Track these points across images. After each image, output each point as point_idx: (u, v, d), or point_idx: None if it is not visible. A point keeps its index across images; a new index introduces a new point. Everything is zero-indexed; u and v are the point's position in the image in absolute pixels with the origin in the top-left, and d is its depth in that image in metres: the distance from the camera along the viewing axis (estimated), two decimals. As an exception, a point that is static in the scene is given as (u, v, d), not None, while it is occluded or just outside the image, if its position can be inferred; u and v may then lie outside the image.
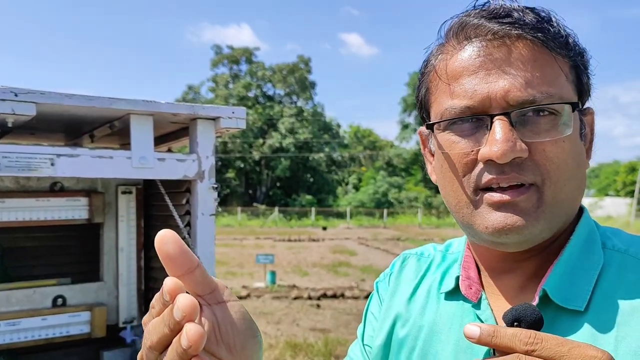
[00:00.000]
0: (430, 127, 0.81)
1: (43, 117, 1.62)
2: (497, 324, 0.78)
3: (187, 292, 0.53)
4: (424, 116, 0.85)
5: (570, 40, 0.76)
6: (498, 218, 0.72)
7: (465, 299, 0.84)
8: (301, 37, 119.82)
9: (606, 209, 37.73)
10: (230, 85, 56.68)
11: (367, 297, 10.25)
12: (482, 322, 0.79)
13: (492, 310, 0.81)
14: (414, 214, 41.32)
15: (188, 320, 0.50)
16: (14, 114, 1.43)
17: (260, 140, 52.19)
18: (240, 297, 10.22)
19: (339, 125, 61.38)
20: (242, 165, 51.50)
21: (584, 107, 0.80)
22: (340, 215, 41.92)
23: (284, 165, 51.19)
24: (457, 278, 0.86)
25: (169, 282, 0.52)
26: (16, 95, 1.42)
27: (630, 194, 45.16)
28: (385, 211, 40.35)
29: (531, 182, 0.72)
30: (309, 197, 49.74)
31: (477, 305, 0.82)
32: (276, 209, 40.43)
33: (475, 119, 0.74)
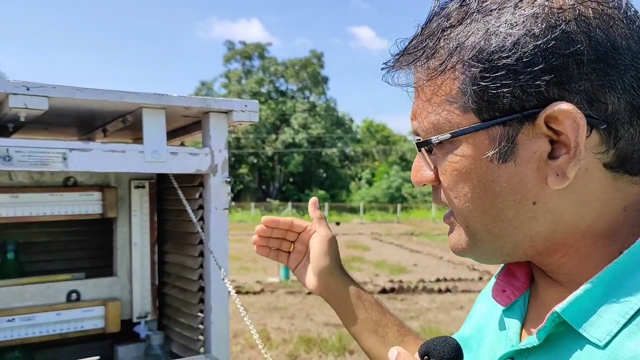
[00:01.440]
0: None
1: (55, 111, 1.61)
2: (520, 334, 0.72)
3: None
4: None
5: (447, 48, 0.64)
6: (449, 236, 0.77)
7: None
8: (311, 31, 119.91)
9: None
10: (243, 81, 56.77)
11: (380, 292, 10.23)
12: (505, 329, 0.74)
13: (523, 316, 0.74)
14: (428, 208, 41.17)
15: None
16: (26, 107, 1.42)
17: (273, 136, 52.28)
18: (254, 292, 10.26)
19: (351, 120, 61.32)
20: (255, 161, 51.66)
21: (521, 111, 0.60)
22: (354, 211, 41.87)
23: (297, 160, 51.27)
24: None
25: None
26: (28, 89, 1.41)
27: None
28: (398, 206, 40.25)
29: (449, 207, 0.74)
30: (322, 192, 49.78)
31: (507, 311, 0.76)
32: (289, 204, 40.50)
33: None
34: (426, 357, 0.62)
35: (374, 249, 18.04)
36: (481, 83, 0.61)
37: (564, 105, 0.58)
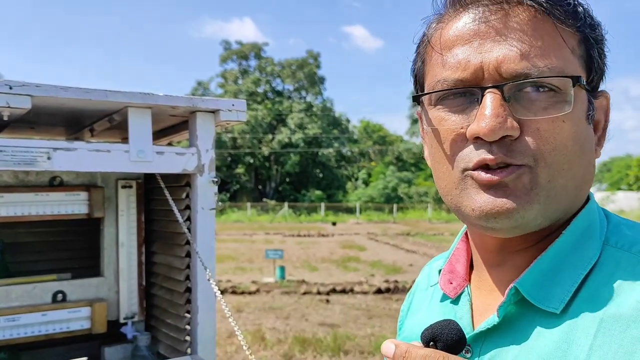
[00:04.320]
0: (416, 99, 0.75)
1: (40, 110, 1.60)
2: (472, 323, 0.75)
3: None
4: (418, 92, 0.79)
5: (580, 10, 0.68)
6: (486, 199, 0.66)
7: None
8: (304, 31, 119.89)
9: (618, 204, 37.38)
10: (240, 81, 56.70)
11: (376, 292, 10.23)
12: (457, 320, 0.75)
13: (471, 306, 0.76)
14: (424, 209, 41.21)
15: None
16: (9, 107, 1.41)
17: (270, 136, 52.22)
18: (250, 293, 10.25)
19: (348, 120, 61.30)
20: (251, 161, 51.59)
21: (595, 87, 0.72)
22: (350, 211, 41.86)
23: (294, 160, 51.23)
24: (440, 272, 0.83)
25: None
26: (11, 88, 1.40)
27: (643, 188, 44.70)
28: (394, 206, 40.28)
29: (521, 163, 0.65)
30: (318, 192, 49.75)
31: (455, 301, 0.79)
32: (286, 204, 40.47)
33: (466, 93, 0.68)
34: (432, 343, 0.59)
35: (370, 249, 18.03)
36: (598, 46, 0.71)
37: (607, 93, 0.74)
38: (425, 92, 0.74)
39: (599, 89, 0.73)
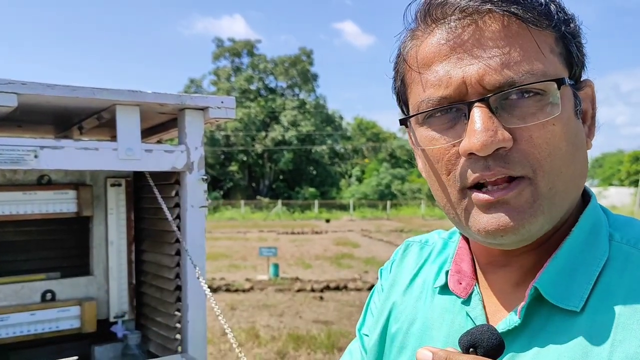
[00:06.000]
0: (404, 122, 0.74)
1: (27, 108, 1.59)
2: (487, 321, 0.74)
3: None
4: (404, 110, 0.78)
5: (552, 8, 0.67)
6: (489, 220, 0.66)
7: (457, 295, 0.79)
8: (295, 28, 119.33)
9: (610, 199, 37.58)
10: (232, 79, 56.53)
11: (370, 288, 10.22)
12: (472, 319, 0.75)
13: (484, 306, 0.75)
14: (417, 205, 41.28)
15: None
16: (-6, 105, 1.40)
17: (263, 133, 52.11)
18: (244, 290, 10.23)
19: (341, 117, 61.18)
20: (245, 159, 51.44)
21: (578, 79, 0.71)
22: (344, 208, 41.88)
23: (287, 158, 51.14)
24: (447, 273, 0.81)
25: None
26: (-4, 85, 1.39)
27: (635, 183, 45.00)
28: (388, 203, 40.31)
29: (520, 174, 0.64)
30: (312, 189, 49.71)
31: (467, 302, 0.77)
32: (279, 201, 40.42)
33: (452, 110, 0.67)
34: (472, 349, 0.58)
35: (363, 245, 18.04)
36: (576, 40, 0.70)
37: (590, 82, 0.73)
38: (412, 114, 0.73)
39: (582, 79, 0.72)
